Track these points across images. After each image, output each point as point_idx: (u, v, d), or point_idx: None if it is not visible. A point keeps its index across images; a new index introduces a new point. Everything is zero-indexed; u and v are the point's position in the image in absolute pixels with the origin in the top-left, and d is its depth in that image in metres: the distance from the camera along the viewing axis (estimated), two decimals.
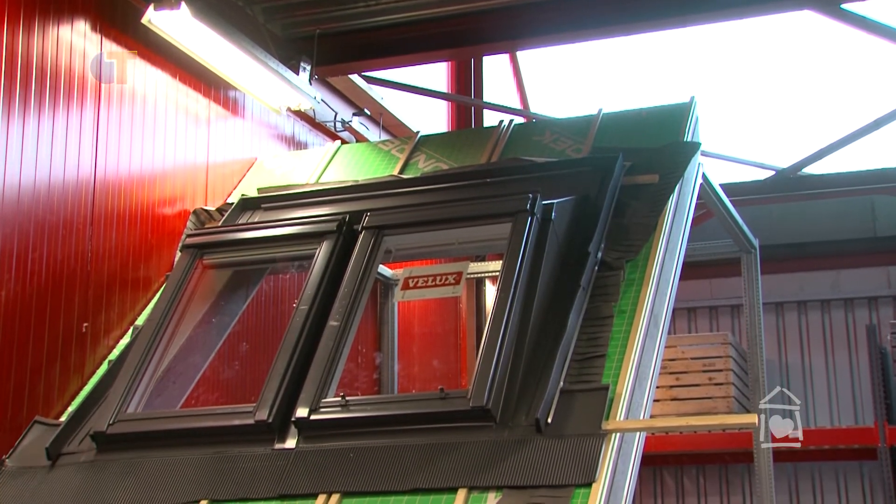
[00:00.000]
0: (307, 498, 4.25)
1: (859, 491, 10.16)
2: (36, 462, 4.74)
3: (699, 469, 10.75)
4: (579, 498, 3.88)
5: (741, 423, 4.22)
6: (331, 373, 4.70)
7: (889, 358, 9.74)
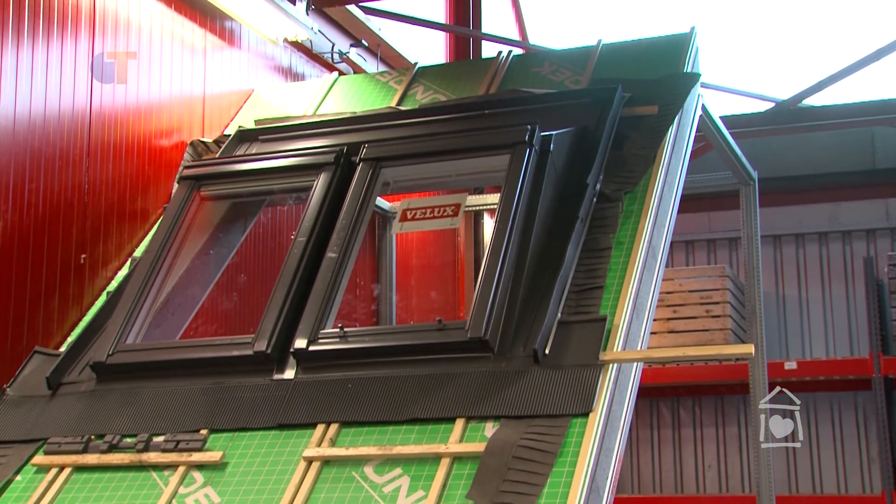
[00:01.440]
0: (306, 428, 4.29)
1: (853, 421, 10.26)
2: (36, 391, 4.78)
3: (695, 400, 10.84)
4: (576, 428, 3.91)
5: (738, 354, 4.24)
6: (329, 304, 4.71)
7: (885, 290, 9.78)
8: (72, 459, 4.39)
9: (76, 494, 4.26)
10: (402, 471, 3.98)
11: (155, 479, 4.24)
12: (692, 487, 10.66)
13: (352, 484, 3.99)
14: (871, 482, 10.02)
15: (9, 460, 4.47)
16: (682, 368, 10.18)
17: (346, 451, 4.10)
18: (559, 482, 3.71)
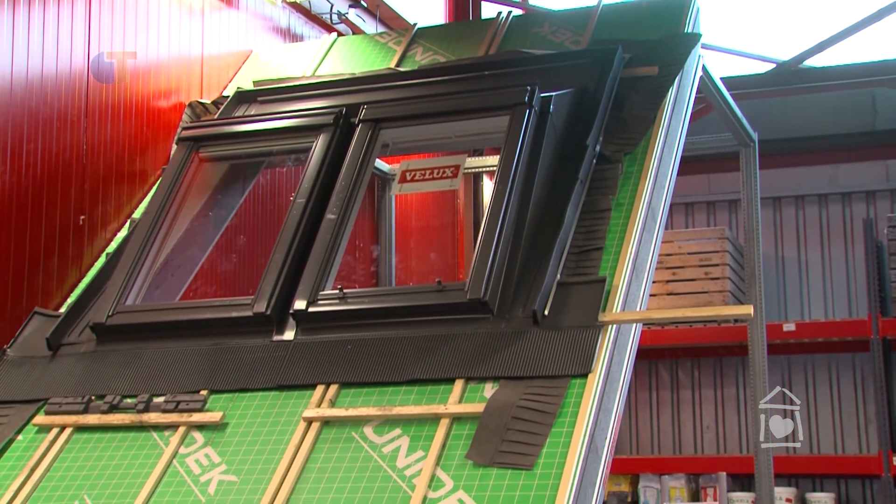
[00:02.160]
0: (305, 388, 4.30)
1: (851, 382, 10.29)
2: (37, 352, 4.80)
3: (694, 362, 10.87)
4: (575, 388, 3.92)
5: (736, 315, 4.25)
6: (328, 265, 4.71)
7: (885, 251, 9.78)
8: (72, 419, 4.41)
9: (77, 454, 4.28)
10: (402, 431, 4.00)
11: (156, 440, 4.26)
12: (690, 448, 10.71)
13: (351, 444, 4.01)
14: (867, 442, 10.08)
15: (10, 420, 4.49)
16: (681, 331, 10.20)
17: (346, 411, 4.12)
18: (558, 442, 3.73)
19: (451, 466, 3.78)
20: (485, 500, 3.62)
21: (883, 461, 9.39)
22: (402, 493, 3.73)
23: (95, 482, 4.13)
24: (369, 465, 3.90)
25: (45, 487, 4.16)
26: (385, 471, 3.85)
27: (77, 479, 4.16)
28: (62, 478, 4.19)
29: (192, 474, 4.06)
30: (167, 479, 4.07)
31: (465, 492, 3.67)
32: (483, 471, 3.72)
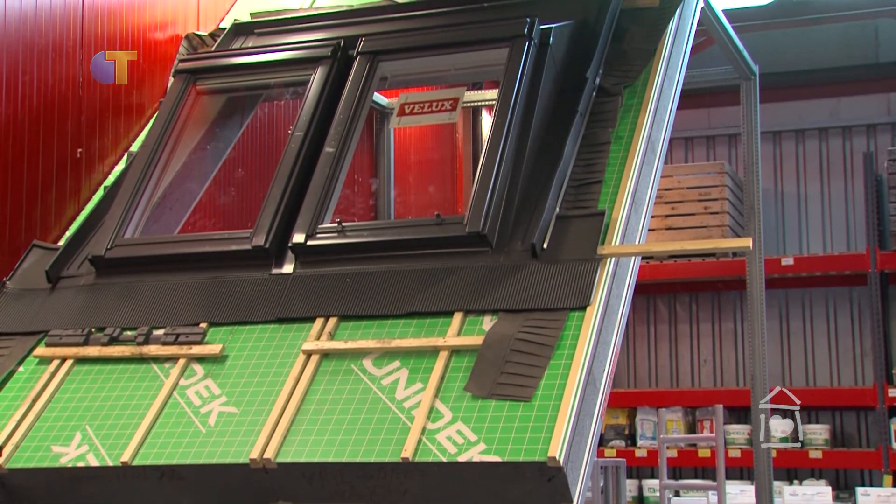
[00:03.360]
0: (304, 321, 4.32)
1: (848, 316, 10.33)
2: (36, 285, 4.81)
3: (692, 297, 10.90)
4: (574, 321, 3.94)
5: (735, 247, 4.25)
6: (327, 199, 4.70)
7: (884, 185, 9.76)
8: (73, 351, 4.43)
9: (78, 385, 4.31)
10: (401, 363, 4.02)
11: (156, 372, 4.28)
12: (687, 382, 10.79)
13: (351, 376, 4.03)
14: (863, 375, 10.15)
15: (11, 352, 4.51)
16: (680, 265, 10.22)
17: (345, 344, 4.14)
18: (556, 374, 3.75)
19: (450, 398, 3.81)
20: (483, 431, 3.65)
21: (878, 393, 9.47)
22: (402, 425, 3.76)
23: (97, 413, 4.16)
24: (368, 397, 3.92)
25: (47, 418, 4.20)
26: (384, 402, 3.88)
27: (78, 409, 4.20)
28: (64, 408, 4.22)
29: (192, 406, 4.09)
30: (168, 410, 4.10)
31: (464, 423, 3.70)
32: (481, 402, 3.75)
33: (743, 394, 8.97)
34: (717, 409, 6.74)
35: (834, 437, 9.91)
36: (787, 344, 10.46)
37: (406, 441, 3.68)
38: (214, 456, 3.87)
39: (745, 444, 9.59)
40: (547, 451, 3.49)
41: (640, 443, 10.21)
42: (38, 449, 4.07)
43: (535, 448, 3.52)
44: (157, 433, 4.02)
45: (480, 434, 3.64)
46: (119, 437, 4.03)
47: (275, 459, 3.77)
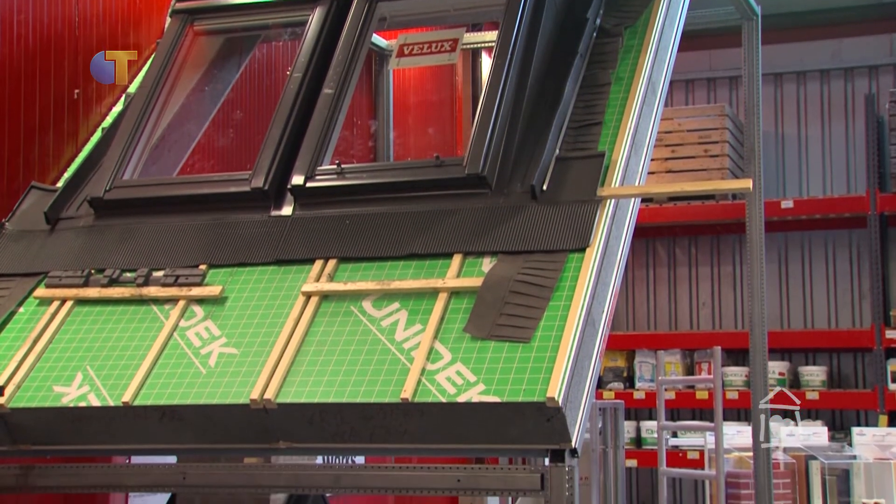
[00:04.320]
0: (304, 263, 4.32)
1: (847, 259, 10.35)
2: (35, 226, 4.80)
3: (691, 240, 10.91)
4: (573, 263, 3.94)
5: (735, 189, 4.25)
6: (326, 140, 4.68)
7: (885, 127, 9.73)
8: (73, 293, 4.44)
9: (79, 326, 4.32)
10: (400, 305, 4.03)
11: (156, 313, 4.29)
12: (686, 324, 10.83)
13: (350, 318, 4.04)
14: (861, 317, 10.19)
15: (11, 292, 4.52)
16: (679, 208, 10.21)
17: (345, 285, 4.14)
18: (555, 316, 3.76)
19: (449, 339, 3.82)
20: (482, 372, 3.67)
21: (875, 334, 9.52)
22: (401, 366, 3.78)
23: (97, 354, 4.18)
24: (368, 339, 3.94)
25: (48, 358, 4.21)
26: (384, 344, 3.89)
27: (79, 350, 4.22)
28: (64, 349, 4.24)
29: (192, 347, 4.11)
30: (168, 351, 4.12)
31: (463, 364, 3.71)
32: (481, 344, 3.76)
33: (741, 336, 9.01)
34: (715, 351, 6.78)
35: (831, 378, 9.98)
36: (786, 287, 10.49)
37: (405, 382, 3.69)
38: (215, 396, 3.89)
39: (743, 386, 9.65)
40: (546, 392, 3.51)
41: (638, 385, 10.28)
42: (40, 389, 4.09)
43: (534, 389, 3.54)
44: (157, 374, 4.04)
45: (480, 375, 3.66)
46: (120, 378, 4.05)
47: (275, 400, 3.79)
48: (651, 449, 9.65)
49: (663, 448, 7.29)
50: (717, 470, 6.44)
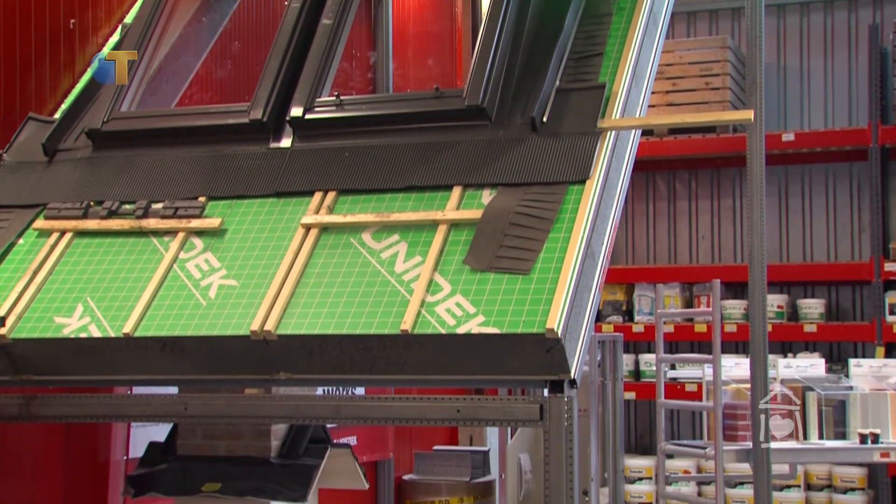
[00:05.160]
0: (303, 195, 4.31)
1: (847, 192, 10.33)
2: (33, 157, 4.79)
3: (691, 174, 10.88)
4: (573, 195, 3.93)
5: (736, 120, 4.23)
6: (325, 72, 4.65)
7: (889, 58, 9.65)
8: (72, 224, 4.44)
9: (79, 258, 4.33)
10: (400, 237, 4.03)
11: (155, 245, 4.30)
12: (685, 258, 10.84)
13: (350, 250, 4.05)
14: (860, 250, 10.19)
15: (10, 224, 4.52)
16: (679, 142, 10.17)
17: (344, 218, 4.14)
18: (555, 247, 3.76)
19: (449, 271, 3.83)
20: (482, 303, 3.68)
21: (874, 267, 9.53)
22: (401, 297, 3.79)
23: (97, 285, 4.19)
24: (368, 270, 3.94)
25: (49, 290, 4.22)
26: (383, 276, 3.90)
27: (79, 282, 4.22)
28: (65, 280, 4.25)
29: (192, 279, 4.12)
30: (168, 283, 4.13)
31: (463, 295, 3.72)
32: (480, 275, 3.77)
33: (740, 269, 9.01)
34: (714, 283, 6.79)
35: (829, 311, 10.01)
36: (786, 220, 10.48)
37: (405, 313, 3.71)
38: (215, 328, 3.90)
39: (741, 319, 9.69)
40: (545, 323, 3.52)
41: (637, 318, 10.31)
42: (41, 320, 4.11)
43: (534, 320, 3.56)
44: (157, 305, 4.05)
45: (479, 306, 3.67)
46: (120, 309, 4.06)
47: (275, 332, 3.81)
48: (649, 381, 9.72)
49: (661, 380, 7.33)
50: (714, 402, 6.49)
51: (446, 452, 7.80)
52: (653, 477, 9.78)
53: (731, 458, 6.68)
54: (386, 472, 7.46)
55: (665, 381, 7.94)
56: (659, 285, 7.76)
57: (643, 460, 10.08)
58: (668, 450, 7.29)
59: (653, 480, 9.77)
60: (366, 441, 6.95)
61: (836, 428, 6.96)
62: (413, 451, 7.80)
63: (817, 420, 6.94)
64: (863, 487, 9.31)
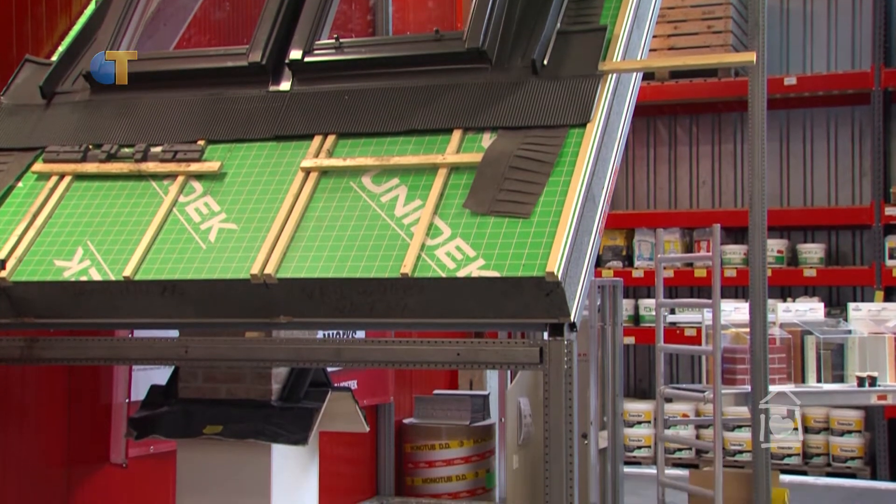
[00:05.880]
0: (302, 139, 4.29)
1: (848, 136, 10.30)
2: (30, 100, 4.76)
3: (692, 118, 10.85)
4: (573, 138, 3.91)
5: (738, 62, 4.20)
6: (324, 14, 4.61)
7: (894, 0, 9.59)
8: (71, 168, 4.42)
9: (78, 201, 4.32)
10: (400, 181, 4.02)
11: (155, 188, 4.29)
12: (686, 203, 10.84)
13: (350, 193, 4.04)
14: (860, 194, 10.19)
15: (9, 167, 4.51)
16: (681, 86, 10.13)
17: (344, 161, 4.13)
18: (555, 191, 3.76)
19: (449, 215, 3.82)
20: (482, 247, 3.67)
21: (874, 211, 9.53)
22: (401, 241, 3.79)
23: (97, 229, 4.18)
24: (368, 214, 3.94)
25: (49, 233, 4.22)
26: (383, 219, 3.90)
27: (79, 225, 4.22)
28: (64, 224, 4.24)
29: (192, 222, 4.11)
30: (168, 226, 4.13)
31: (463, 239, 3.72)
32: (480, 219, 3.76)
33: (741, 214, 9.03)
34: (714, 228, 6.78)
35: (829, 255, 10.03)
36: (787, 164, 10.47)
37: (405, 257, 3.71)
38: (216, 272, 3.91)
39: (741, 264, 9.71)
40: (545, 267, 3.52)
41: (637, 263, 10.34)
42: (41, 263, 4.11)
43: (534, 263, 3.56)
44: (157, 249, 4.05)
45: (479, 250, 3.67)
46: (120, 253, 4.06)
47: (275, 275, 3.81)
48: (649, 326, 9.77)
49: (661, 325, 7.36)
50: (713, 345, 6.51)
51: (446, 396, 7.84)
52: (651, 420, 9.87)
53: (729, 402, 6.73)
54: (386, 416, 7.51)
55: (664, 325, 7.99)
56: (659, 230, 7.75)
57: (642, 404, 10.16)
58: (666, 393, 7.33)
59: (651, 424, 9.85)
60: (366, 385, 6.99)
61: (834, 371, 7.01)
62: (413, 396, 7.85)
63: (815, 364, 6.98)
64: (860, 430, 9.39)
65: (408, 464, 7.63)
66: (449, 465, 7.56)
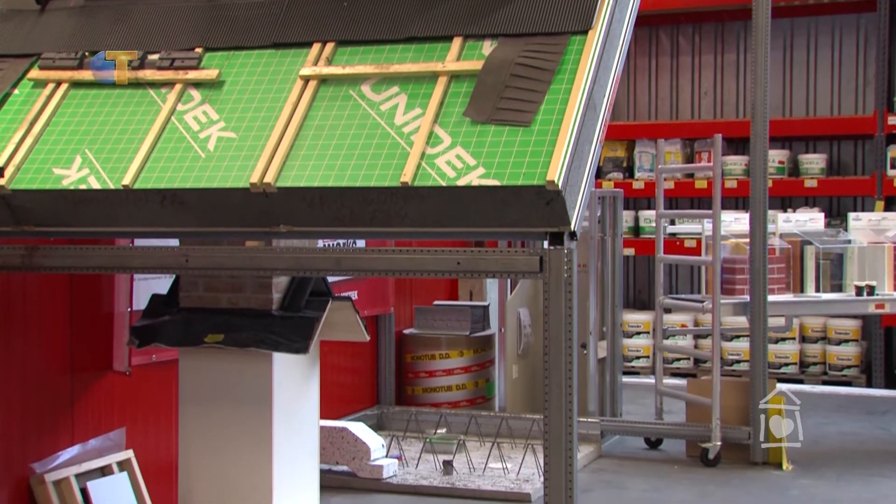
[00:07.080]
0: (301, 46, 4.25)
1: (853, 44, 10.18)
2: (25, 5, 4.69)
3: (695, 27, 10.73)
4: (575, 45, 3.87)
5: None
6: None
7: None
8: (68, 75, 4.38)
9: (75, 109, 4.29)
10: (400, 89, 3.98)
11: (153, 97, 4.25)
12: (687, 114, 10.77)
13: (349, 102, 4.01)
14: (864, 103, 10.11)
15: (4, 74, 4.46)
16: None
17: (343, 69, 4.09)
18: (556, 99, 3.73)
19: (449, 123, 3.80)
20: (482, 155, 3.66)
21: (878, 120, 9.47)
22: (401, 150, 3.77)
23: (95, 137, 4.16)
24: (367, 122, 3.91)
25: (46, 141, 4.20)
26: (383, 128, 3.87)
27: (77, 133, 4.20)
28: (62, 132, 4.22)
29: (190, 131, 4.09)
30: (166, 135, 4.10)
31: (463, 148, 3.70)
32: (481, 127, 3.74)
33: (743, 125, 8.97)
34: (715, 138, 6.75)
35: (830, 166, 10.00)
36: (790, 74, 10.37)
37: (405, 166, 3.69)
38: (215, 180, 3.90)
39: (742, 175, 9.68)
40: (546, 175, 3.51)
41: (637, 175, 10.31)
42: (40, 171, 4.10)
43: (534, 172, 3.55)
44: (156, 157, 4.03)
45: (479, 158, 3.65)
46: (119, 161, 4.05)
47: (275, 184, 3.80)
48: (649, 237, 9.77)
49: (661, 236, 7.36)
50: (713, 256, 6.52)
51: (446, 307, 7.88)
52: (650, 331, 9.93)
53: (728, 312, 6.76)
54: (386, 326, 7.56)
55: (664, 236, 7.99)
56: (660, 141, 7.71)
57: (641, 315, 10.21)
58: (666, 304, 7.37)
59: (650, 334, 9.92)
60: (367, 295, 7.02)
61: (833, 281, 7.02)
62: (413, 306, 7.89)
63: (814, 274, 6.99)
64: (856, 339, 9.45)
65: (408, 374, 7.70)
66: (449, 374, 7.63)
